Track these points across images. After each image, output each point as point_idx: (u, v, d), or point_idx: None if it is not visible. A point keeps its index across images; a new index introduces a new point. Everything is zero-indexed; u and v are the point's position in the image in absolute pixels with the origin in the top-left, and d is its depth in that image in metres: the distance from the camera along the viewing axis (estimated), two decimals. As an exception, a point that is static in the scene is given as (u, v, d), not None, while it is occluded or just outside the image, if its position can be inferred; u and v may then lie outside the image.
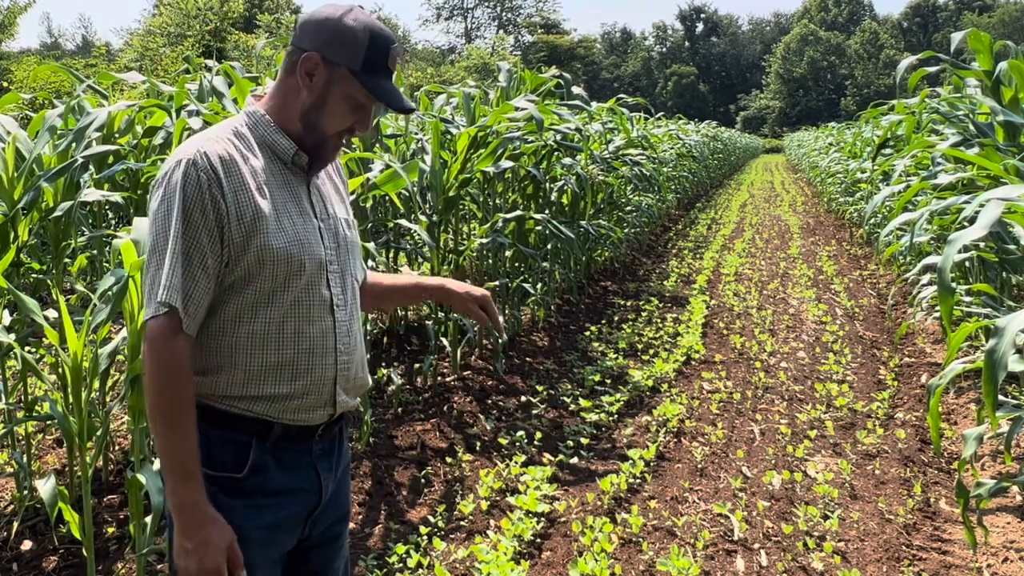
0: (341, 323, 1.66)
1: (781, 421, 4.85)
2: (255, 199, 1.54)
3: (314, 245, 1.61)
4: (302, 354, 1.60)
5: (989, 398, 2.25)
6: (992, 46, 4.47)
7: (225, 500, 1.57)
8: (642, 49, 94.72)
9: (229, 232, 1.52)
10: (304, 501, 1.67)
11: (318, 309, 1.62)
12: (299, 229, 1.59)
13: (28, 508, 3.27)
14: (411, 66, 42.84)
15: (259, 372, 1.57)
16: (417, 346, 5.81)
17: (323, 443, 1.69)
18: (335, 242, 1.67)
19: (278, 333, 1.58)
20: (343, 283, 1.68)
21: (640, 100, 8.64)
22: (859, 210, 11.56)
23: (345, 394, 1.68)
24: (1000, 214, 2.42)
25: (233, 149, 1.57)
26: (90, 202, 4.00)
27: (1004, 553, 3.25)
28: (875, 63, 72.30)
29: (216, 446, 1.58)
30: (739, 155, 36.21)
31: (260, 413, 1.59)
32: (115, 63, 26.73)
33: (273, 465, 1.61)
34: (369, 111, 1.64)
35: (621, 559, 3.23)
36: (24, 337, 3.13)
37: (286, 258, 1.56)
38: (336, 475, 1.74)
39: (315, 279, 1.61)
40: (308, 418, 1.63)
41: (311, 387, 1.61)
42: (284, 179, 1.63)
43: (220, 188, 1.51)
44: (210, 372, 1.57)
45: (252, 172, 1.56)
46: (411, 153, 5.60)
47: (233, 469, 1.58)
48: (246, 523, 1.58)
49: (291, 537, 1.67)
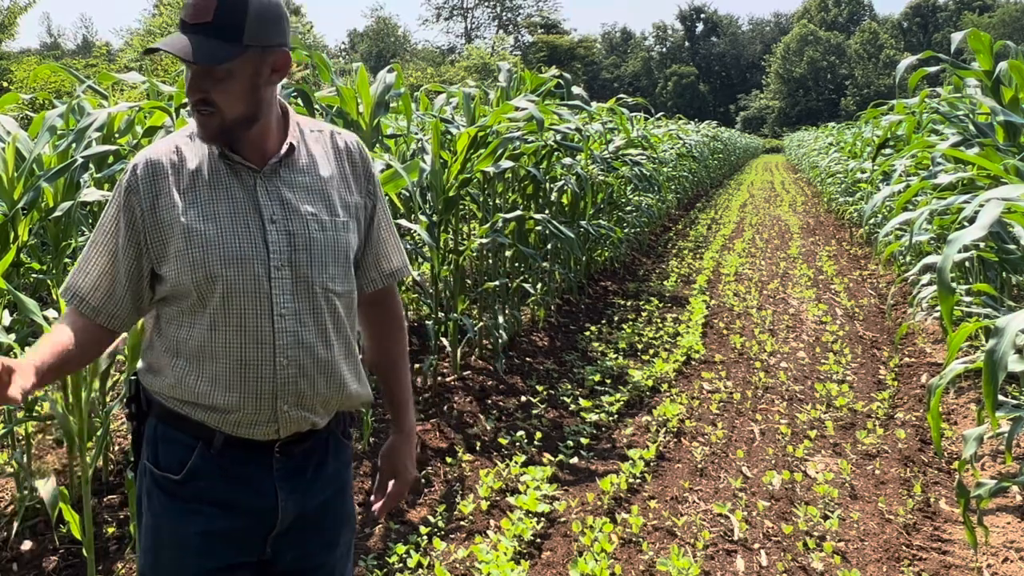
0: (285, 333, 1.54)
1: (781, 421, 4.85)
2: (174, 204, 1.54)
3: (244, 249, 1.52)
4: (233, 364, 1.53)
5: (989, 398, 2.25)
6: (992, 46, 4.47)
7: (163, 499, 1.59)
8: (642, 49, 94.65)
9: (146, 237, 1.55)
10: (253, 518, 1.59)
11: (253, 318, 1.52)
12: (225, 233, 1.53)
13: (28, 508, 3.27)
14: (411, 66, 42.83)
15: (195, 378, 1.54)
16: (417, 346, 5.81)
17: (288, 461, 1.60)
18: (289, 245, 1.55)
19: (211, 342, 1.53)
20: (296, 290, 1.55)
21: (640, 100, 8.63)
22: (859, 210, 11.55)
23: (299, 408, 1.57)
24: (1000, 214, 2.42)
25: (174, 153, 1.57)
26: (90, 202, 4.00)
27: (1004, 553, 3.25)
28: (875, 63, 72.27)
29: (163, 444, 1.59)
30: (739, 155, 36.20)
31: (202, 420, 1.56)
32: (115, 63, 26.73)
33: (217, 474, 1.57)
34: (190, 74, 1.52)
35: (621, 559, 3.23)
36: (24, 337, 3.12)
37: (201, 262, 1.51)
38: (308, 498, 1.63)
39: (245, 285, 1.52)
40: (249, 432, 1.56)
41: (245, 401, 1.53)
42: (223, 179, 1.56)
43: (138, 194, 1.54)
44: (159, 371, 1.59)
45: (181, 176, 1.56)
46: (411, 153, 5.60)
47: (174, 470, 1.58)
48: (181, 527, 1.57)
49: (238, 552, 1.59)
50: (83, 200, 3.45)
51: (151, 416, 1.62)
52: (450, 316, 5.07)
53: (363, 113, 4.59)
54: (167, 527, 1.58)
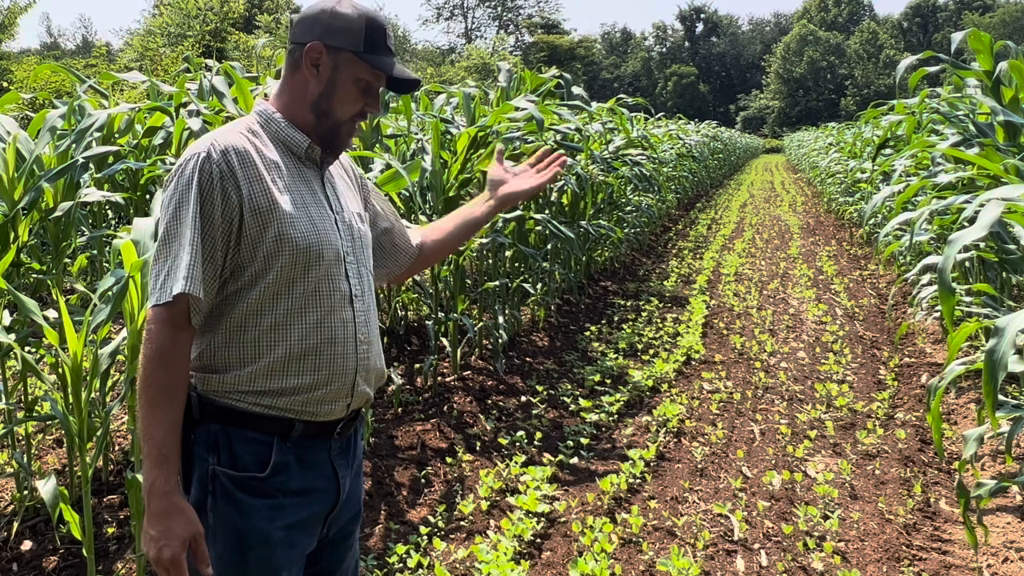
0: (360, 313, 1.67)
1: (781, 421, 4.85)
2: (270, 189, 1.57)
3: (331, 235, 1.64)
4: (324, 343, 1.61)
5: (989, 398, 2.25)
6: (992, 46, 4.47)
7: (248, 500, 1.58)
8: (642, 49, 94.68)
9: (244, 223, 1.55)
10: (324, 500, 1.67)
11: (338, 300, 1.64)
12: (315, 219, 1.62)
13: (28, 508, 3.27)
14: (411, 66, 42.83)
15: (283, 363, 1.58)
16: (417, 346, 5.81)
17: (341, 441, 1.70)
18: (350, 235, 1.69)
19: (300, 323, 1.59)
20: (359, 275, 1.70)
21: (640, 100, 8.63)
22: (859, 210, 11.56)
23: (365, 384, 1.70)
24: (1000, 214, 2.42)
25: (247, 143, 1.60)
26: (90, 202, 4.00)
27: (1004, 553, 3.25)
28: (875, 63, 72.27)
29: (238, 446, 1.58)
30: (739, 155, 36.21)
31: (283, 409, 1.59)
32: (115, 63, 26.73)
33: (295, 464, 1.62)
34: (377, 91, 1.68)
35: (621, 559, 3.23)
36: (24, 337, 3.12)
37: (304, 247, 1.58)
38: (352, 474, 1.75)
39: (333, 270, 1.63)
40: (330, 411, 1.64)
41: (333, 377, 1.62)
42: (299, 172, 1.66)
43: (234, 179, 1.54)
44: (234, 367, 1.58)
45: (266, 164, 1.59)
46: (411, 153, 5.60)
47: (255, 469, 1.59)
48: (269, 524, 1.59)
49: (312, 537, 1.68)
50: (83, 200, 3.45)
51: (206, 421, 1.59)
52: (450, 316, 5.07)
53: (363, 113, 4.58)
54: (253, 527, 1.58)
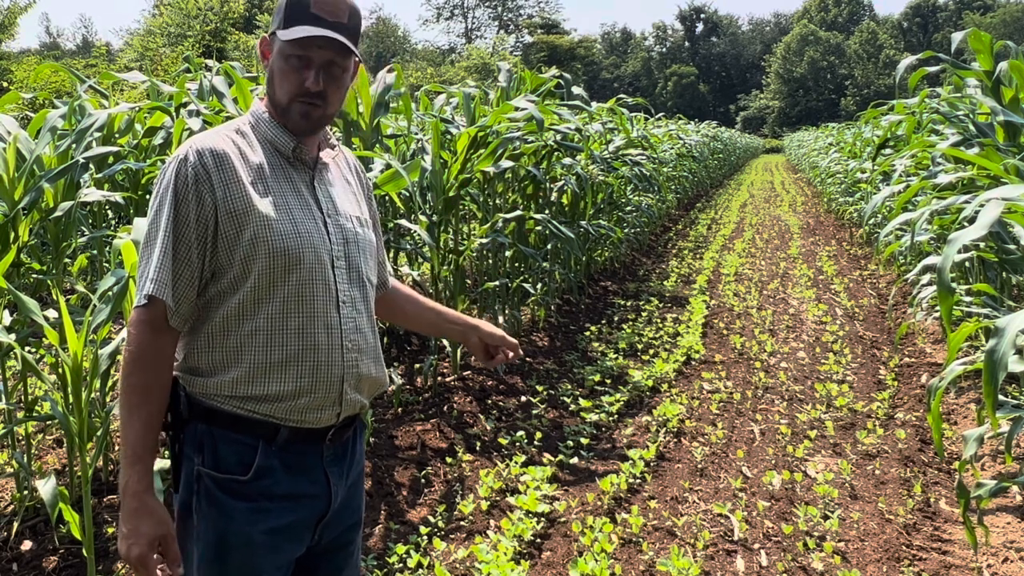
0: (348, 320, 1.63)
1: (781, 421, 4.85)
2: (247, 191, 1.55)
3: (315, 238, 1.60)
4: (307, 350, 1.58)
5: (989, 398, 2.25)
6: (992, 46, 4.47)
7: (228, 502, 1.57)
8: (642, 49, 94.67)
9: (220, 226, 1.54)
10: (312, 507, 1.65)
11: (322, 304, 1.60)
12: (298, 221, 1.59)
13: (28, 508, 3.27)
14: (411, 66, 42.83)
15: (264, 369, 1.56)
16: (417, 346, 5.82)
17: (334, 448, 1.67)
18: (343, 238, 1.66)
19: (282, 329, 1.57)
20: (350, 279, 1.66)
21: (640, 100, 8.64)
22: (859, 210, 11.56)
23: (355, 392, 1.66)
24: (1000, 214, 2.42)
25: (230, 144, 1.59)
26: (90, 202, 4.00)
27: (1004, 553, 3.25)
28: (875, 63, 72.26)
29: (222, 447, 1.57)
30: (739, 155, 36.21)
31: (267, 414, 1.57)
32: (115, 63, 26.75)
33: (280, 469, 1.60)
34: (311, 64, 1.58)
35: (621, 559, 3.23)
36: (24, 337, 3.12)
37: (282, 249, 1.55)
38: (347, 482, 1.71)
39: (316, 273, 1.59)
40: (316, 418, 1.61)
41: (317, 384, 1.59)
42: (286, 174, 1.63)
43: (209, 182, 1.53)
44: (217, 371, 1.57)
45: (247, 166, 1.58)
46: (411, 153, 5.60)
47: (238, 472, 1.57)
48: (251, 527, 1.57)
49: (298, 543, 1.65)
50: (83, 200, 3.45)
51: (194, 420, 1.59)
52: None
53: (363, 113, 4.59)
54: (234, 530, 1.57)
